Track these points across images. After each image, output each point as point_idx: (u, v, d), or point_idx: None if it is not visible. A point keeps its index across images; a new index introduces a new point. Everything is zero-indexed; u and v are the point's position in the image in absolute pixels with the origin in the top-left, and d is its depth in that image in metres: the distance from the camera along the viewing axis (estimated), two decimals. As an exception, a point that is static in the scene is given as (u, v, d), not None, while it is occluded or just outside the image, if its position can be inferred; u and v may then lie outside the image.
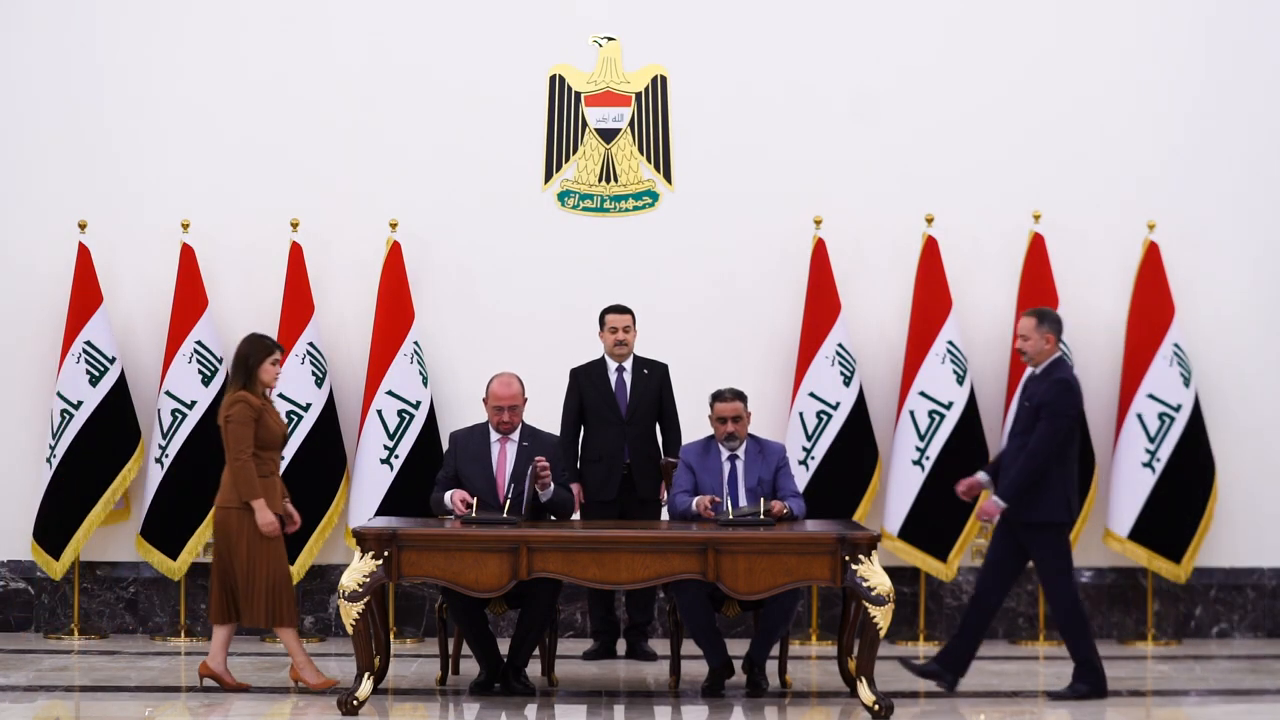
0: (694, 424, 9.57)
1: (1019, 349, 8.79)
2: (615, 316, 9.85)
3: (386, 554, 8.19)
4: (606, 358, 9.88)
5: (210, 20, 10.80)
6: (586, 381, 9.86)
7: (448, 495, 8.81)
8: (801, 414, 10.42)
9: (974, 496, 8.99)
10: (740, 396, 9.02)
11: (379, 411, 10.34)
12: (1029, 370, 8.85)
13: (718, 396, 9.02)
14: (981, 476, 8.86)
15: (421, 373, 10.41)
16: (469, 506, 8.62)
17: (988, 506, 8.66)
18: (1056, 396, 8.56)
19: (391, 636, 9.53)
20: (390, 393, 10.35)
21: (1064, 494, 8.59)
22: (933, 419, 10.37)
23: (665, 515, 9.46)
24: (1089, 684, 8.63)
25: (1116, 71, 10.85)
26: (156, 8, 10.82)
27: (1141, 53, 10.86)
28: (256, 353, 8.65)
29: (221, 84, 10.78)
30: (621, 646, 10.00)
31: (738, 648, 9.05)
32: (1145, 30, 10.87)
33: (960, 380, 10.42)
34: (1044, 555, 8.62)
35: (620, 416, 9.78)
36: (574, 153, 10.80)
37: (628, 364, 9.86)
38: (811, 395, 10.42)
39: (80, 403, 10.34)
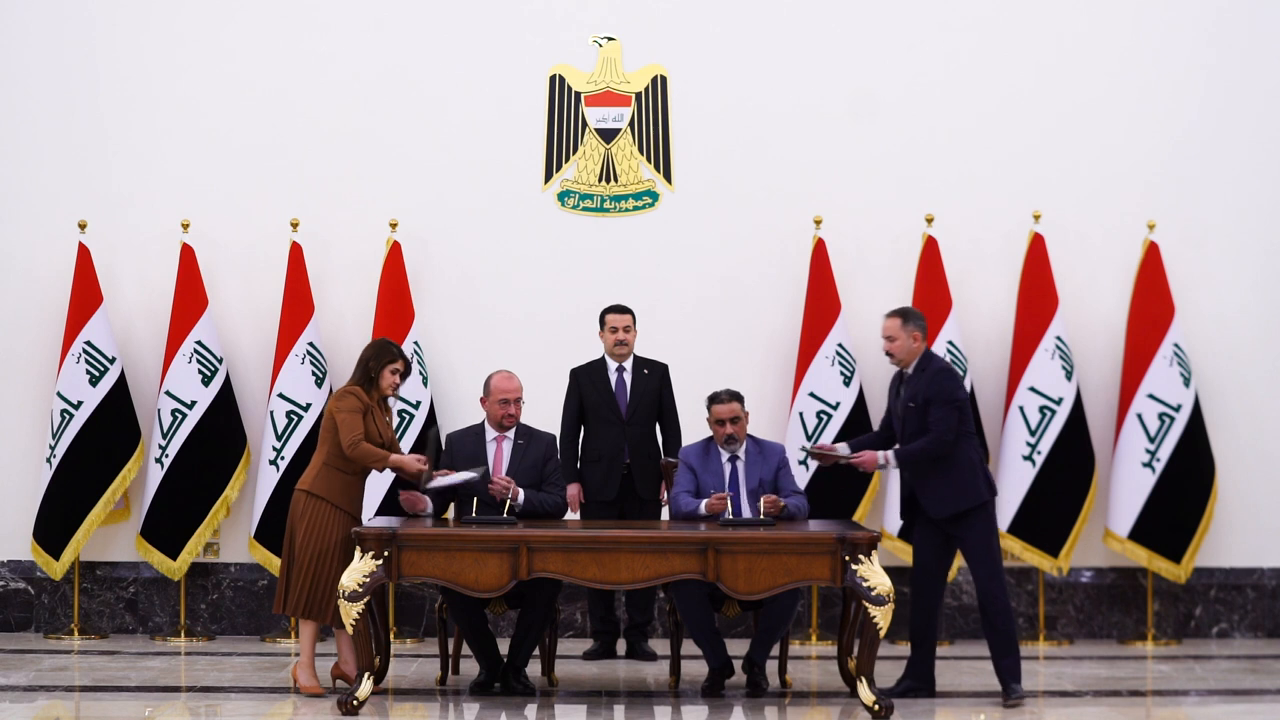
0: (694, 424, 9.57)
1: (886, 351, 8.72)
2: (615, 316, 9.85)
3: (386, 554, 8.19)
4: (607, 358, 9.88)
5: (210, 21, 10.80)
6: (587, 381, 9.86)
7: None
8: (801, 414, 10.43)
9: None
10: (737, 397, 9.01)
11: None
12: (897, 372, 8.80)
13: (714, 399, 9.00)
14: (841, 448, 8.83)
15: (422, 373, 10.41)
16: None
17: (870, 455, 8.59)
18: (943, 384, 8.54)
19: (391, 636, 9.54)
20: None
21: (976, 476, 8.50)
22: (933, 419, 10.36)
23: (665, 515, 9.46)
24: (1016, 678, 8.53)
25: (1117, 72, 10.85)
26: (156, 8, 10.82)
27: (1142, 54, 10.86)
28: (380, 358, 8.58)
29: (221, 84, 10.78)
30: (621, 646, 10.00)
31: (738, 648, 9.06)
32: (1146, 32, 10.87)
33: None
34: (973, 539, 8.52)
35: (620, 416, 9.78)
36: (574, 153, 10.80)
37: (628, 364, 9.86)
38: (811, 395, 10.42)
39: (80, 403, 10.34)
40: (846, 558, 8.19)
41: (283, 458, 10.31)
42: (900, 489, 8.88)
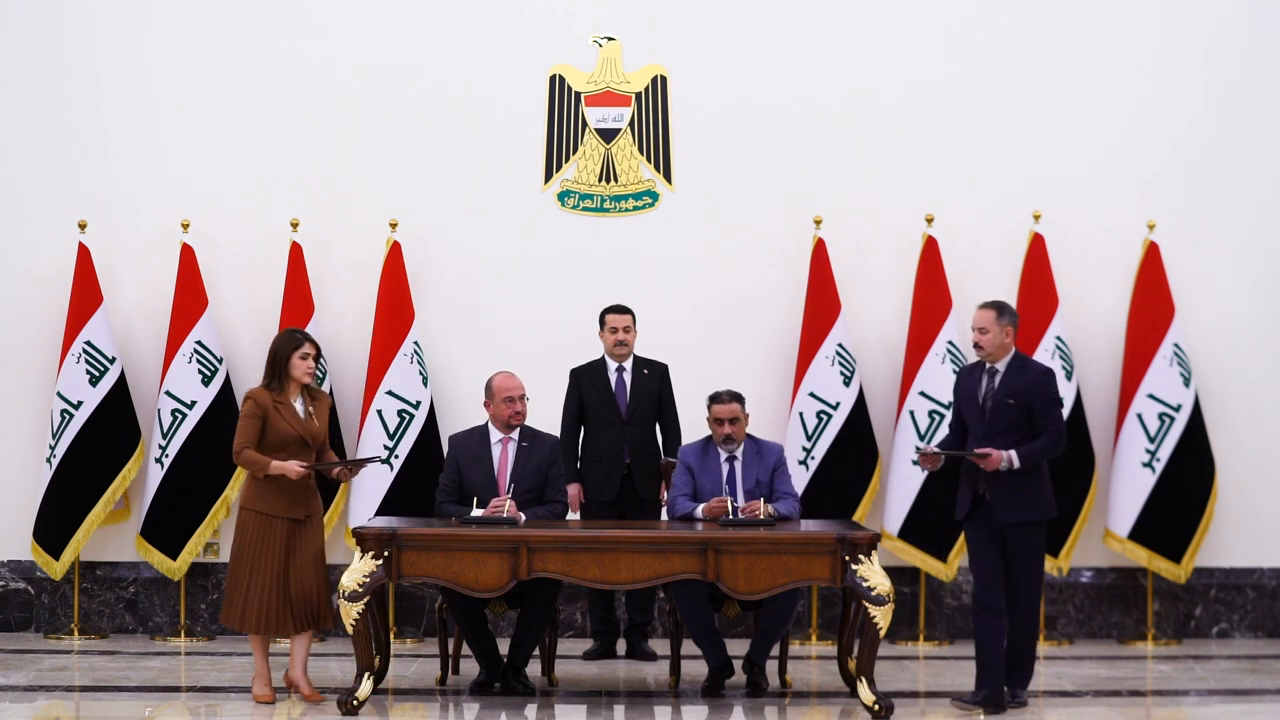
0: (694, 424, 9.57)
1: (975, 343, 8.38)
2: (615, 316, 9.85)
3: (386, 554, 8.20)
4: (606, 358, 9.88)
5: (210, 21, 10.80)
6: (587, 381, 9.86)
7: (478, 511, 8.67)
8: (801, 414, 10.42)
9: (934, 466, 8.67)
10: (737, 398, 9.02)
11: (379, 411, 10.34)
12: (968, 368, 8.50)
13: (715, 399, 9.03)
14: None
15: (421, 373, 10.41)
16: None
17: (996, 454, 8.21)
18: (1049, 386, 8.34)
19: (391, 636, 9.54)
20: (390, 393, 10.35)
21: (1051, 491, 8.39)
22: (933, 419, 10.36)
23: (665, 515, 9.46)
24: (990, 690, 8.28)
25: (1117, 72, 10.85)
26: (156, 8, 10.82)
27: (1142, 54, 10.85)
28: (285, 347, 8.49)
29: (221, 84, 10.77)
30: (621, 646, 10.00)
31: (738, 648, 9.06)
32: (1146, 31, 10.87)
33: (960, 380, 10.42)
34: (1029, 552, 8.29)
35: (620, 417, 9.78)
36: (574, 153, 10.80)
37: (628, 364, 9.86)
38: (811, 395, 10.42)
39: (80, 403, 10.34)
40: (846, 558, 8.20)
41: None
42: (960, 487, 8.48)
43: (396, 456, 10.30)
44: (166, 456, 10.34)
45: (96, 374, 10.37)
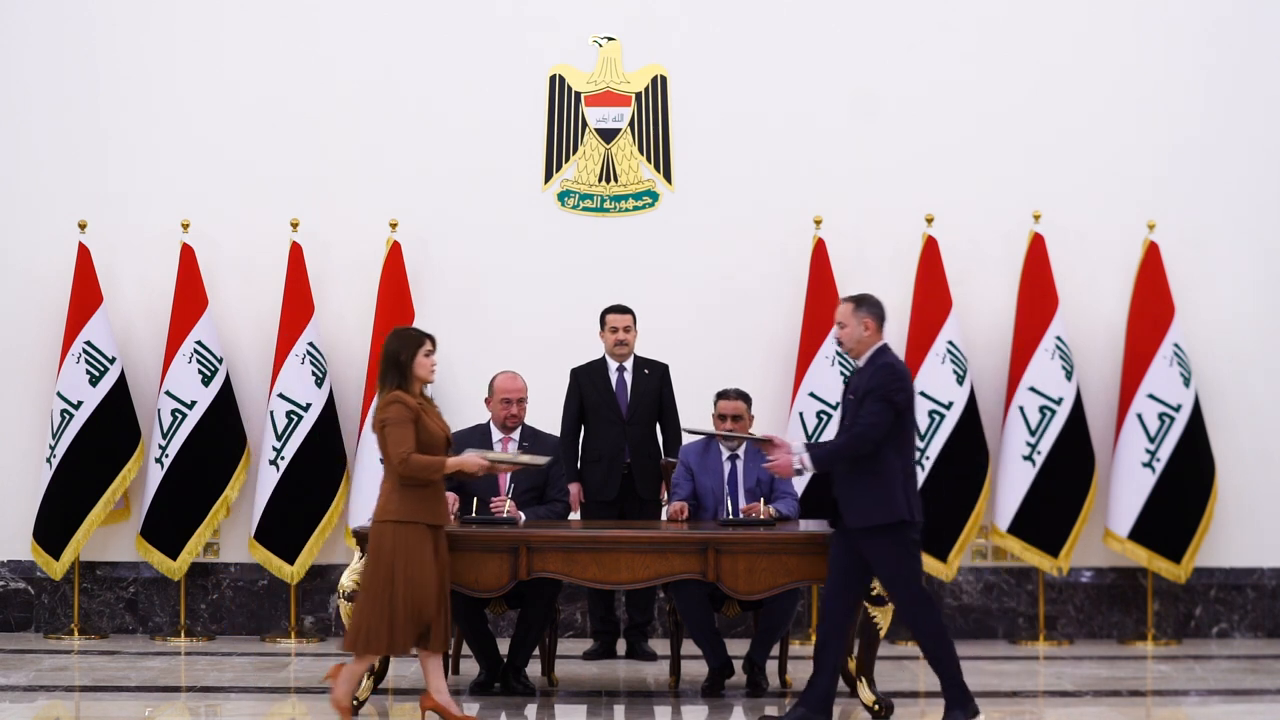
0: (694, 423, 9.55)
1: (836, 339, 7.92)
2: (616, 316, 9.85)
3: (386, 554, 8.18)
4: (607, 358, 9.88)
5: (210, 21, 10.81)
6: (587, 381, 9.86)
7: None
8: (801, 414, 10.42)
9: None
10: (744, 397, 9.04)
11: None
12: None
13: (722, 394, 9.06)
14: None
15: (421, 373, 10.40)
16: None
17: (785, 459, 7.74)
18: (884, 379, 7.63)
19: (391, 636, 9.52)
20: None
21: (900, 493, 7.59)
22: (933, 419, 10.37)
23: (665, 515, 9.46)
24: (964, 708, 7.66)
25: (1118, 73, 10.85)
26: (155, 8, 10.82)
27: (1143, 55, 10.85)
28: (408, 347, 7.80)
29: (221, 85, 10.78)
30: (621, 646, 10.00)
31: (738, 648, 9.06)
32: (1147, 33, 10.87)
33: (960, 380, 10.42)
34: (881, 558, 7.65)
35: (621, 416, 9.78)
36: (574, 153, 10.80)
37: (628, 364, 9.86)
38: (811, 395, 10.42)
39: (80, 403, 10.34)
40: (846, 558, 8.18)
41: (283, 458, 10.30)
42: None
43: (396, 456, 10.29)
44: (166, 456, 10.34)
45: (96, 374, 10.37)
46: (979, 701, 8.25)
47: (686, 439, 9.36)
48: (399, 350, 7.77)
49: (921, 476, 10.33)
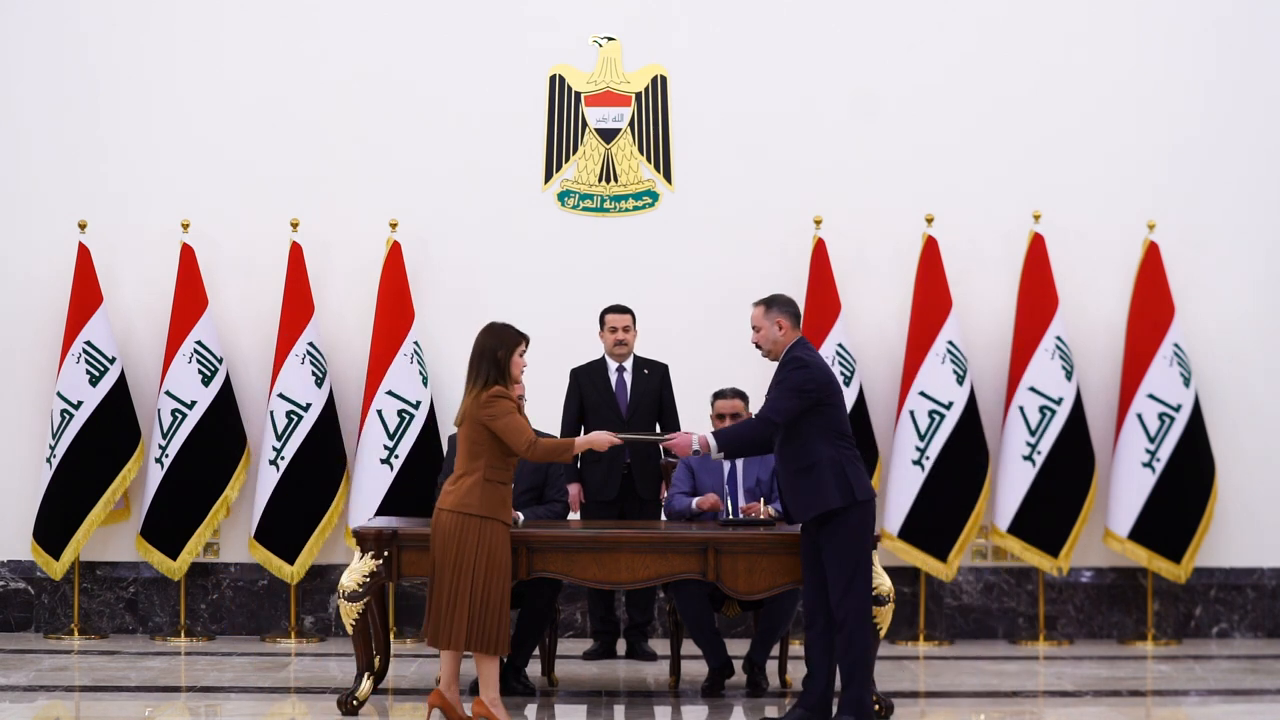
0: (694, 424, 9.54)
1: (753, 342, 8.01)
2: (615, 316, 9.85)
3: (386, 554, 8.19)
4: (606, 358, 9.88)
5: (210, 21, 10.80)
6: (587, 381, 9.86)
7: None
8: (801, 414, 10.41)
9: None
10: (740, 395, 9.05)
11: (379, 411, 10.35)
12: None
13: (719, 395, 9.08)
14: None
15: (421, 373, 10.41)
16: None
17: (683, 438, 7.85)
18: (788, 372, 7.76)
19: (391, 636, 9.52)
20: (390, 393, 10.35)
21: (831, 481, 7.65)
22: (933, 419, 10.37)
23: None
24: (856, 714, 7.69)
25: (1118, 73, 10.84)
26: (155, 8, 10.82)
27: (1143, 54, 10.85)
28: (506, 344, 7.80)
29: (221, 84, 10.77)
30: (621, 646, 10.00)
31: (738, 648, 9.06)
32: (1148, 32, 10.86)
33: (960, 380, 10.42)
34: (830, 547, 7.69)
35: (620, 416, 9.77)
36: (574, 153, 10.80)
37: (628, 364, 9.86)
38: (811, 395, 10.41)
39: (80, 403, 10.34)
40: (846, 558, 8.18)
41: (283, 458, 10.30)
42: None
43: (396, 456, 10.30)
44: (166, 456, 10.34)
45: (96, 374, 10.37)
46: (979, 701, 8.29)
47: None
48: (496, 347, 7.79)
49: (921, 476, 10.34)
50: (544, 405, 9.56)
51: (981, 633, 10.73)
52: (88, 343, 10.38)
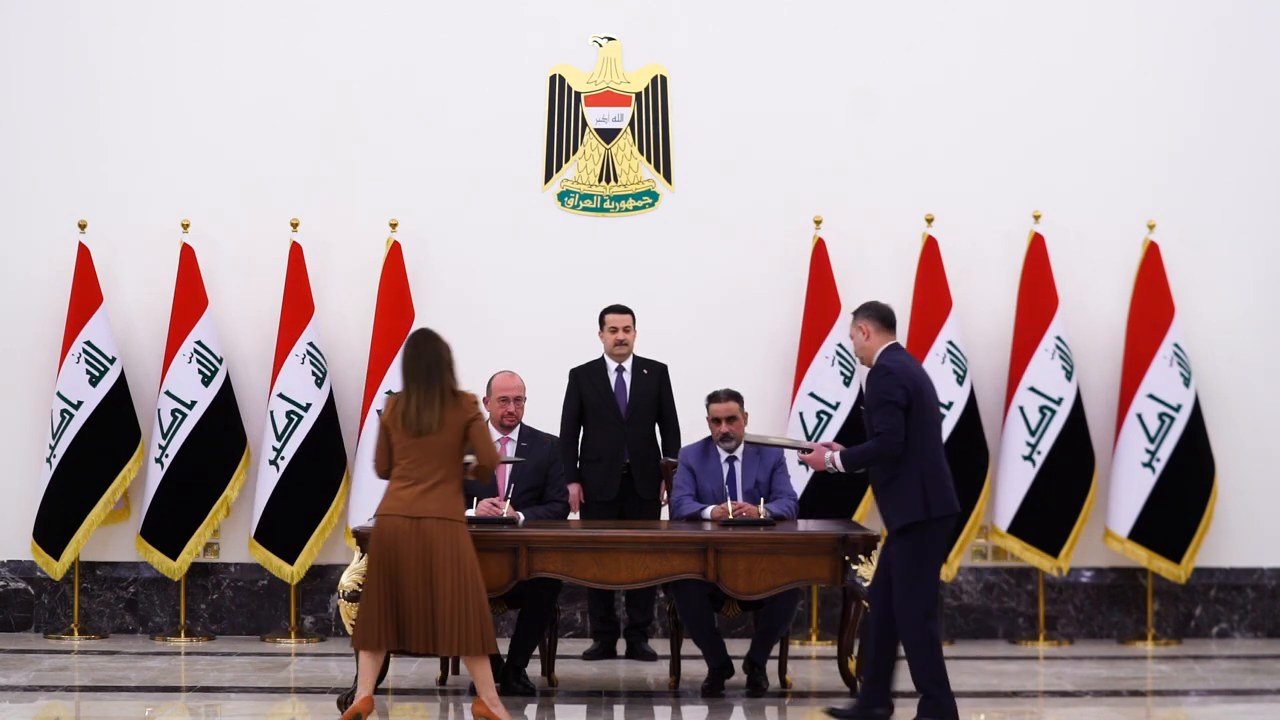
0: (694, 424, 9.56)
1: (855, 353, 8.06)
2: (615, 316, 9.85)
3: (386, 554, 8.17)
4: (606, 358, 9.88)
5: (210, 21, 10.80)
6: (586, 382, 9.86)
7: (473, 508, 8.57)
8: (801, 414, 10.42)
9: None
10: (735, 397, 9.03)
11: (379, 411, 10.33)
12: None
13: (713, 398, 9.05)
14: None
15: (421, 373, 10.40)
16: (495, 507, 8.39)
17: (819, 454, 7.92)
18: (878, 383, 7.73)
19: (391, 636, 9.52)
20: (390, 392, 10.32)
21: (917, 494, 7.65)
22: (933, 419, 10.36)
23: (665, 515, 9.46)
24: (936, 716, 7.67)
25: (1118, 73, 10.84)
26: (155, 8, 10.82)
27: (1144, 54, 10.85)
28: (450, 350, 8.05)
29: (221, 85, 10.77)
30: (621, 646, 10.00)
31: (738, 648, 9.06)
32: (1148, 32, 10.86)
33: (960, 380, 10.42)
34: (899, 558, 7.69)
35: (620, 417, 9.77)
36: (574, 153, 10.80)
37: (627, 364, 9.86)
38: (812, 395, 10.42)
39: (80, 403, 10.34)
40: (846, 558, 8.20)
41: (283, 458, 10.30)
42: None
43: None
44: (166, 456, 10.34)
45: (96, 374, 10.37)
46: (979, 701, 8.29)
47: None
48: (445, 353, 8.02)
49: (922, 476, 10.34)
50: (544, 405, 9.56)
51: (981, 633, 10.74)
52: (88, 343, 10.38)
